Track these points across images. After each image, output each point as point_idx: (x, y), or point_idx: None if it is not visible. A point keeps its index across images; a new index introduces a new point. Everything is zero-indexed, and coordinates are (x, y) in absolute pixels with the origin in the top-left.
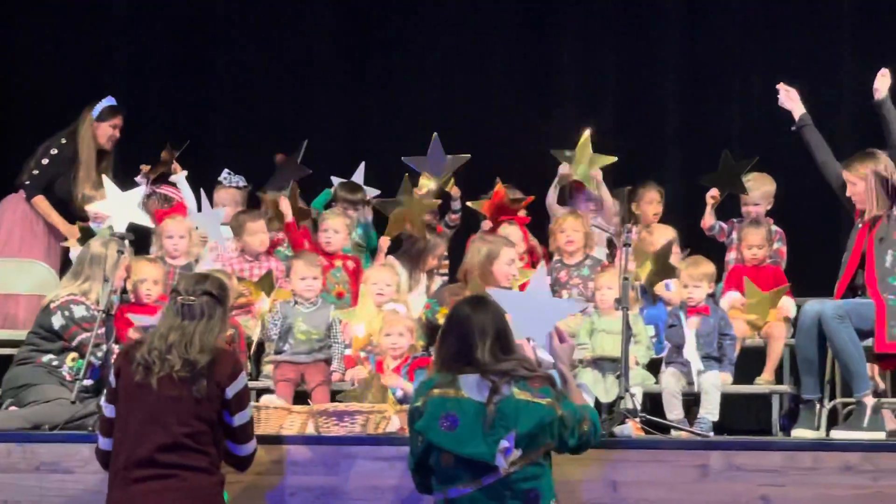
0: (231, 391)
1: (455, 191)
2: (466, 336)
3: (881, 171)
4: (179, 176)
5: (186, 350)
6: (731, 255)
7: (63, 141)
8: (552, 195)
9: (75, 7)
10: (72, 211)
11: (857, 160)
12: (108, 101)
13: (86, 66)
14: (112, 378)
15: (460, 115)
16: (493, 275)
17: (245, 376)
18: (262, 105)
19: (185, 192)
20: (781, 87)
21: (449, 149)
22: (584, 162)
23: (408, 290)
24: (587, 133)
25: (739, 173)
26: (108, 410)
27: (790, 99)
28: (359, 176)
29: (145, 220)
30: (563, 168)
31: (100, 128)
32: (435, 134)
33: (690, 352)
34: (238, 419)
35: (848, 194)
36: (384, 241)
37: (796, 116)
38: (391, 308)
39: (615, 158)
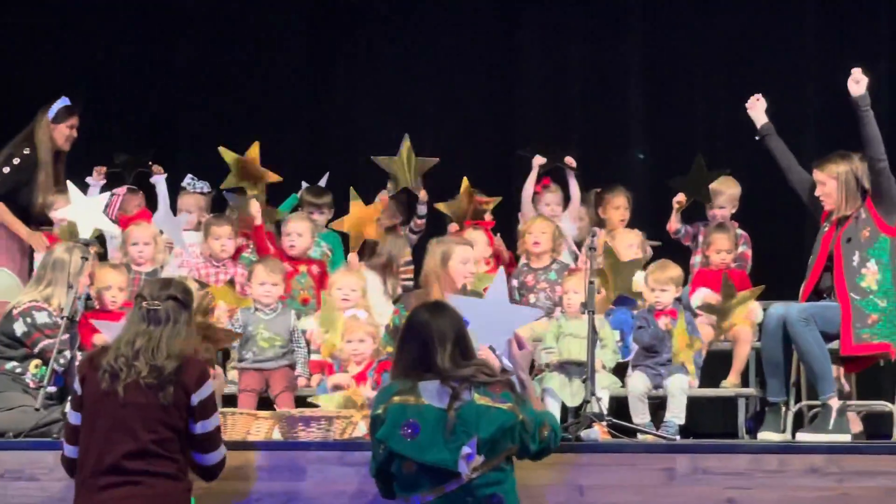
0: (196, 398)
1: (423, 194)
2: (426, 342)
3: (852, 171)
4: (159, 178)
5: (153, 356)
6: (695, 259)
7: (25, 150)
8: (528, 189)
9: (33, 6)
10: (33, 217)
11: (829, 160)
12: (62, 102)
13: (45, 68)
14: (77, 385)
15: (427, 118)
16: (448, 275)
17: (211, 384)
18: (226, 108)
19: (162, 195)
20: (755, 97)
21: (417, 152)
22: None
23: (383, 296)
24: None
25: (708, 182)
26: (74, 418)
27: (755, 108)
28: (324, 182)
29: (111, 227)
30: (538, 159)
31: (56, 129)
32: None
33: None
34: (202, 427)
35: (817, 193)
36: (353, 259)
37: (758, 125)
38: (351, 314)
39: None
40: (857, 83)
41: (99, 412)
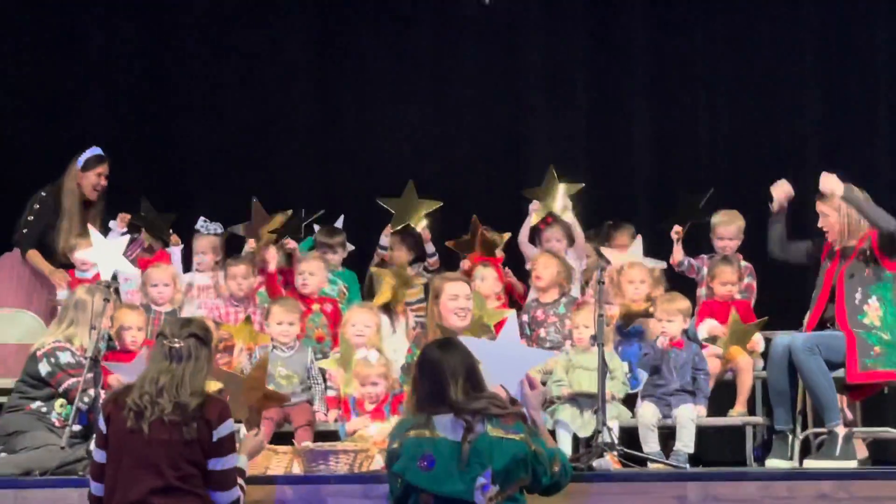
0: (216, 434)
1: (426, 234)
2: (438, 378)
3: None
4: (176, 249)
5: (177, 392)
6: (701, 290)
7: (43, 194)
8: (524, 234)
9: (48, 51)
10: (57, 260)
11: None
12: (92, 151)
13: (64, 116)
14: (102, 424)
15: (436, 160)
16: (439, 311)
17: (232, 423)
18: (238, 150)
19: (176, 262)
20: (782, 181)
21: (423, 192)
22: (554, 194)
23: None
24: (551, 168)
25: (697, 203)
26: (99, 456)
27: (778, 190)
28: (339, 224)
29: (129, 268)
30: (534, 205)
31: (85, 177)
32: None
33: None
34: (220, 464)
35: (820, 225)
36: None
37: (774, 208)
38: (363, 357)
39: (582, 185)
40: (832, 187)
41: (124, 450)
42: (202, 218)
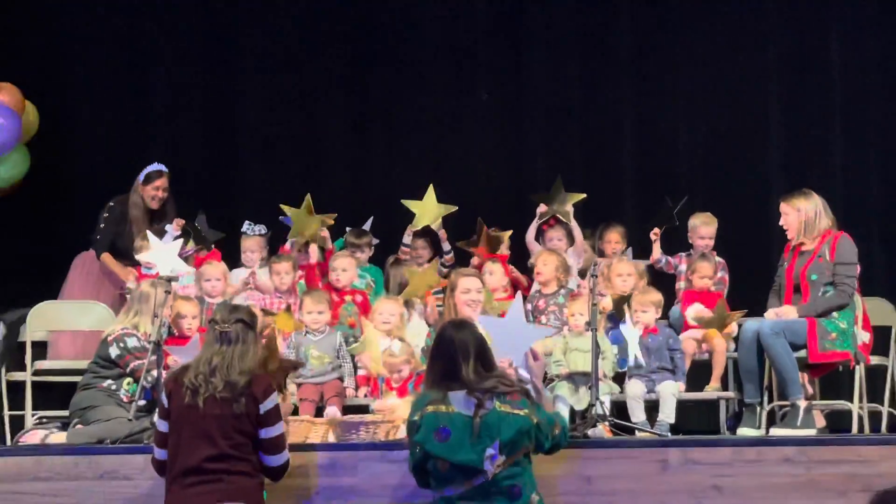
0: (263, 408)
1: (443, 234)
2: (452, 357)
3: (814, 208)
4: (171, 229)
5: (228, 372)
6: (680, 284)
7: (112, 204)
8: (531, 233)
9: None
10: (128, 261)
11: (795, 195)
12: (153, 167)
13: (129, 126)
14: (164, 399)
15: (451, 166)
16: (454, 303)
17: (276, 396)
18: (278, 161)
19: (167, 240)
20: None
21: (441, 197)
22: (559, 200)
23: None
24: (559, 179)
25: (671, 210)
26: (162, 426)
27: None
28: (367, 226)
29: (184, 266)
30: (541, 207)
31: (145, 190)
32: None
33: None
34: (267, 433)
35: (781, 223)
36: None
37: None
38: (387, 348)
39: (584, 195)
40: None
41: (183, 422)
42: (247, 221)
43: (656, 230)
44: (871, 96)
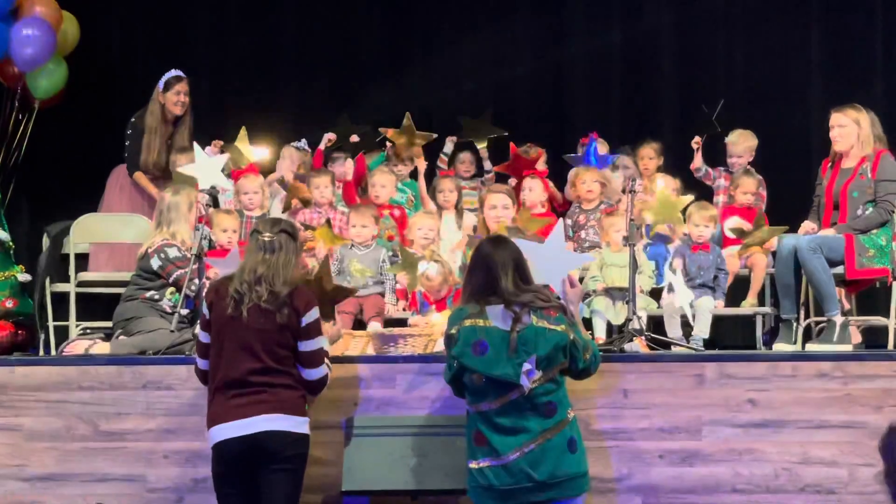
0: (305, 320)
1: (484, 153)
2: (491, 270)
3: (870, 120)
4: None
5: (273, 281)
6: (718, 198)
7: (133, 120)
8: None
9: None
10: (151, 173)
11: (851, 107)
12: (171, 73)
13: (168, 45)
14: (205, 310)
15: (490, 84)
16: (483, 218)
17: (317, 310)
18: (314, 81)
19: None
20: None
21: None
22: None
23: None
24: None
25: (711, 117)
26: (203, 337)
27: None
28: None
29: (225, 182)
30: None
31: (166, 98)
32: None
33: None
34: (308, 346)
35: (832, 135)
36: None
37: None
38: (424, 271)
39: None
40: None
41: (226, 334)
42: (300, 140)
43: (698, 138)
44: None
